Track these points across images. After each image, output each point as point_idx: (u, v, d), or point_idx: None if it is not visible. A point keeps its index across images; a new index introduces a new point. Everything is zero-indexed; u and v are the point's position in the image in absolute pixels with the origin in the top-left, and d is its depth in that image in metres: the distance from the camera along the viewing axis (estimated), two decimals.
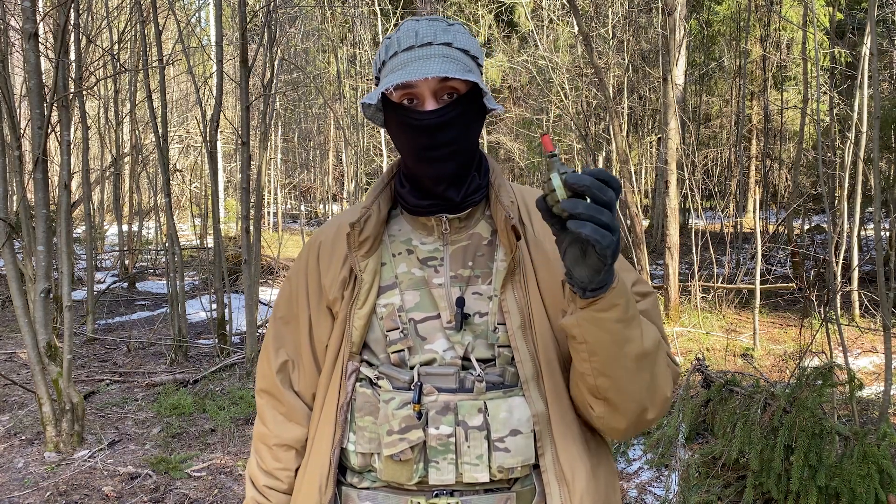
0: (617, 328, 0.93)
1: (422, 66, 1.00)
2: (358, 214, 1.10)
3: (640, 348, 0.96)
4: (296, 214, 20.13)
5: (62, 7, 4.32)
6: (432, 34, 1.03)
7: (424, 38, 1.03)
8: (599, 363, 0.96)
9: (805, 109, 9.09)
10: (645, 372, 0.98)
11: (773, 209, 12.56)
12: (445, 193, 1.09)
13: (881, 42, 9.64)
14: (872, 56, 3.70)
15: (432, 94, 1.03)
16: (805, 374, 3.03)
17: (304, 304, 1.18)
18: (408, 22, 1.06)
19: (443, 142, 1.04)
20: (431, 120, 1.02)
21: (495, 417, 1.03)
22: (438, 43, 1.03)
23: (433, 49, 1.03)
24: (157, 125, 6.12)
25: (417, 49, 1.03)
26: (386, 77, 1.04)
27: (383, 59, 1.07)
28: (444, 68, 0.99)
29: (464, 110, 1.05)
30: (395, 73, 1.02)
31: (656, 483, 3.64)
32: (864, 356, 6.02)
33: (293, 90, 15.24)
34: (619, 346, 0.95)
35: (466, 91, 1.04)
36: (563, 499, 1.02)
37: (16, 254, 4.00)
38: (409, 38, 1.04)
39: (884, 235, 9.26)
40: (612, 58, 11.08)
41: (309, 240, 1.23)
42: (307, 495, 1.10)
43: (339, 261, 1.14)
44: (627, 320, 0.94)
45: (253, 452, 1.25)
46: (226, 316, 6.53)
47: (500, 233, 1.09)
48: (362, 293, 1.09)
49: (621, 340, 0.94)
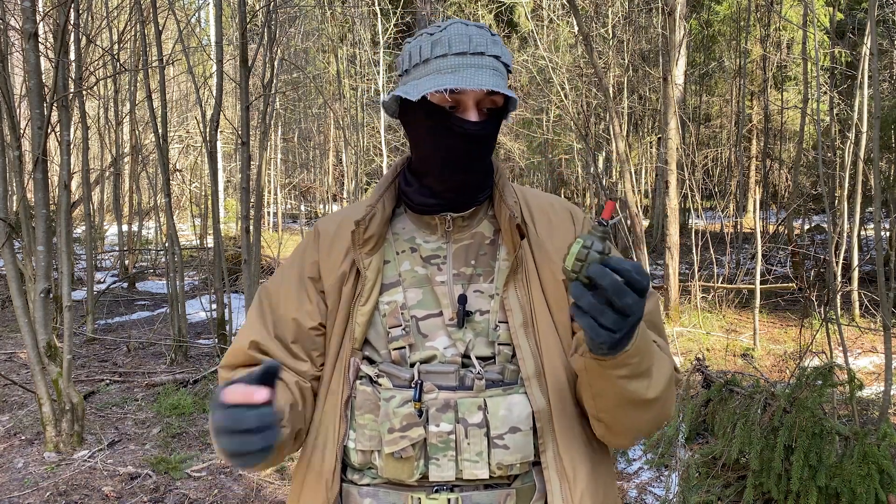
0: (623, 383, 0.94)
1: (475, 76, 1.01)
2: (363, 212, 1.11)
3: (646, 398, 0.97)
4: (296, 214, 20.13)
5: (62, 7, 4.31)
6: (485, 44, 1.04)
7: (478, 47, 1.03)
8: (602, 403, 0.99)
9: (805, 109, 9.09)
10: (651, 412, 1.01)
11: (773, 209, 12.56)
12: (457, 198, 1.10)
13: (881, 42, 9.64)
14: (872, 56, 3.70)
15: (475, 104, 1.04)
16: (805, 374, 3.03)
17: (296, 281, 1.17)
18: (457, 25, 1.06)
19: (477, 154, 1.07)
20: (475, 130, 1.04)
21: (495, 415, 1.04)
22: (490, 54, 1.04)
23: (485, 60, 1.04)
24: (157, 125, 6.12)
25: (470, 56, 1.03)
26: (429, 76, 1.04)
27: (426, 57, 1.05)
28: (496, 83, 1.01)
29: (498, 124, 1.08)
30: (446, 76, 1.01)
31: (656, 483, 3.64)
32: (864, 356, 6.02)
33: (293, 90, 15.23)
34: (624, 396, 0.96)
35: (502, 105, 1.07)
36: (564, 495, 1.03)
37: (16, 254, 4.00)
38: (462, 43, 1.03)
39: (884, 235, 9.26)
40: (612, 58, 11.08)
41: (310, 230, 1.23)
42: (314, 491, 1.09)
43: (340, 254, 1.14)
44: (637, 376, 0.94)
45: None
46: (226, 316, 6.52)
47: (504, 232, 1.10)
48: (366, 290, 1.09)
49: (627, 392, 0.95)
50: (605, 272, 0.79)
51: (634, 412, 0.99)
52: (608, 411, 1.00)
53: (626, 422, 1.01)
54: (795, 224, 10.90)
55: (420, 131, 1.09)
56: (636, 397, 0.96)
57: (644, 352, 0.92)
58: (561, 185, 15.37)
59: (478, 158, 1.07)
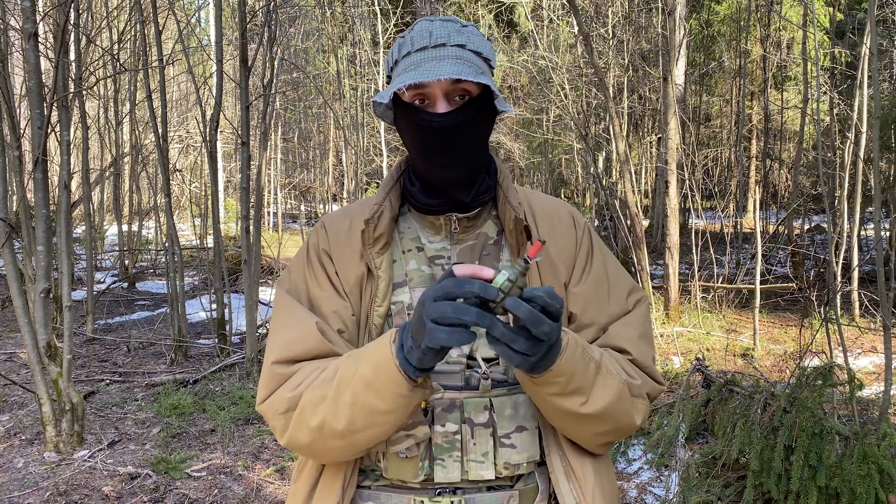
0: (554, 400, 0.97)
1: (434, 67, 1.01)
2: (371, 211, 1.10)
3: (585, 414, 0.99)
4: (296, 214, 20.12)
5: (62, 7, 4.31)
6: (446, 35, 1.04)
7: (438, 39, 1.03)
8: (548, 416, 1.03)
9: (805, 109, 9.09)
10: (599, 426, 1.03)
11: (773, 209, 12.55)
12: (456, 195, 1.09)
13: (881, 42, 9.64)
14: (872, 56, 3.70)
15: (444, 95, 1.03)
16: (805, 374, 3.03)
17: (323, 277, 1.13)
18: (422, 22, 1.07)
19: (454, 145, 1.05)
20: (443, 122, 1.03)
21: (501, 414, 1.04)
22: (452, 44, 1.04)
23: (446, 50, 1.03)
24: (157, 125, 6.12)
25: (431, 49, 1.03)
26: (398, 76, 1.05)
27: (396, 59, 1.08)
28: (456, 70, 1.00)
29: (475, 112, 1.05)
30: (408, 73, 1.02)
31: (656, 483, 3.64)
32: (864, 356, 6.02)
33: (293, 90, 15.22)
34: (559, 411, 1.00)
35: (478, 93, 1.05)
36: (575, 495, 1.03)
37: (16, 254, 4.00)
38: (423, 39, 1.04)
39: (884, 235, 9.26)
40: (612, 58, 11.08)
41: (316, 226, 1.20)
42: (329, 492, 1.07)
43: (355, 255, 1.12)
44: (567, 394, 0.97)
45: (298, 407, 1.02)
46: (226, 316, 6.52)
47: (508, 233, 1.11)
48: (381, 291, 1.09)
49: (561, 408, 0.98)
50: (520, 304, 0.82)
51: (575, 424, 1.01)
52: (551, 419, 1.03)
53: (571, 431, 1.04)
54: (795, 224, 10.90)
55: (402, 131, 1.10)
56: (573, 412, 0.98)
57: (573, 373, 0.94)
58: (561, 185, 15.37)
59: (456, 149, 1.05)
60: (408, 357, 0.90)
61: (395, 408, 0.94)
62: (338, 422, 0.96)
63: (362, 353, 0.97)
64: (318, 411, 0.97)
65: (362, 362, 0.95)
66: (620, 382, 1.03)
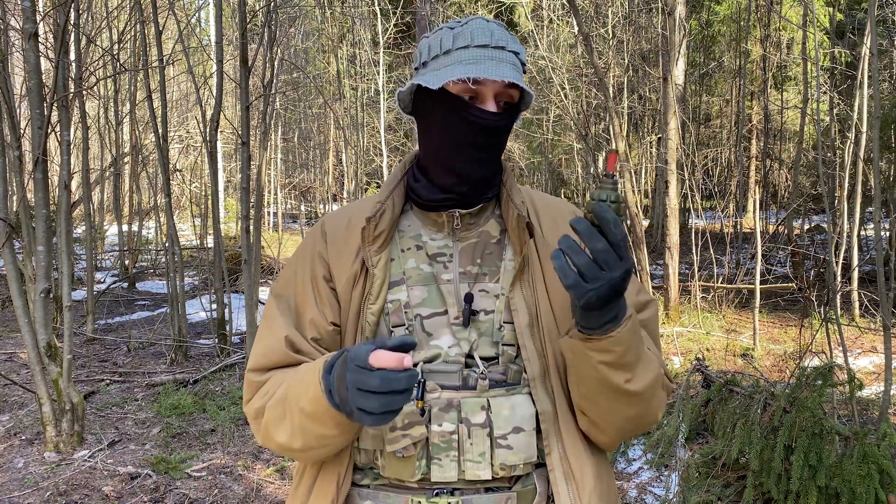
0: (603, 370, 0.97)
1: (496, 68, 1.02)
2: (373, 209, 1.10)
3: (628, 391, 0.99)
4: (296, 214, 20.12)
5: (62, 7, 4.31)
6: (506, 40, 1.06)
7: (499, 41, 1.05)
8: (584, 389, 1.02)
9: (805, 109, 9.09)
10: (632, 408, 1.03)
11: (773, 209, 12.56)
12: (466, 193, 1.10)
13: (881, 42, 9.63)
14: (872, 56, 3.70)
15: (493, 96, 1.05)
16: (805, 374, 3.03)
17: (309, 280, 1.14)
18: (478, 20, 1.08)
19: (494, 145, 1.08)
20: (494, 121, 1.05)
21: (498, 414, 1.04)
22: (510, 49, 1.06)
23: (506, 54, 1.05)
24: (157, 125, 6.12)
25: (492, 49, 1.05)
26: (450, 66, 1.05)
27: (447, 48, 1.06)
28: (516, 76, 1.03)
29: (512, 119, 1.09)
30: (468, 66, 1.02)
31: (656, 483, 3.64)
32: (864, 356, 6.02)
33: (293, 90, 15.22)
34: (604, 384, 0.99)
35: (516, 102, 1.09)
36: (572, 497, 1.03)
37: (16, 254, 4.00)
38: (484, 37, 1.05)
39: (884, 235, 9.26)
40: (612, 58, 11.07)
41: (315, 226, 1.21)
42: (324, 491, 1.07)
43: (352, 253, 1.12)
44: (619, 366, 0.97)
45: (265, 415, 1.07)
46: (226, 316, 6.53)
47: (511, 231, 1.11)
48: (374, 289, 1.09)
49: (607, 380, 0.98)
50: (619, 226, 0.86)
51: (615, 403, 1.01)
52: (589, 398, 1.02)
53: (607, 413, 1.03)
54: (795, 224, 10.90)
55: (435, 122, 1.09)
56: (616, 387, 0.98)
57: (630, 345, 0.96)
58: (561, 185, 15.37)
59: (492, 150, 1.08)
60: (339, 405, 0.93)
61: (342, 431, 0.98)
62: (294, 441, 1.02)
63: (303, 380, 0.99)
64: (279, 429, 1.03)
65: (301, 391, 0.98)
66: (658, 368, 1.05)
